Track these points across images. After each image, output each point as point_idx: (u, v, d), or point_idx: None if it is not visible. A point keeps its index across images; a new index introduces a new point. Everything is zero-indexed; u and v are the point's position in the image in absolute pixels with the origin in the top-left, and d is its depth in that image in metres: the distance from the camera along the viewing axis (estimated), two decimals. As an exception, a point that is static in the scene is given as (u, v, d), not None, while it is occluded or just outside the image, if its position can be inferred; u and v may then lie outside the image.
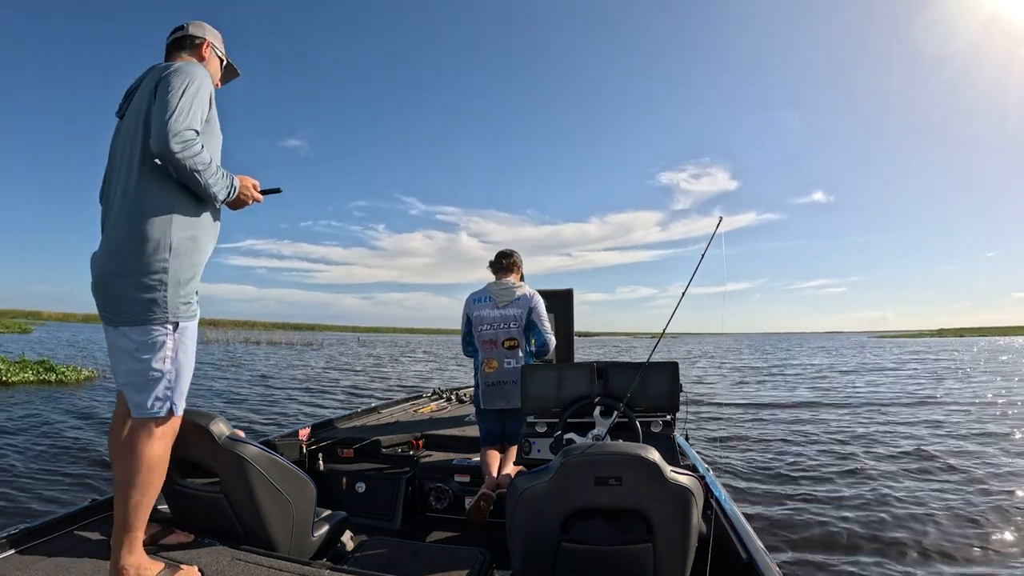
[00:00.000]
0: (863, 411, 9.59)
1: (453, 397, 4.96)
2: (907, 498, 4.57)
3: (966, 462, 5.77)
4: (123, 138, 1.63)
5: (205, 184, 1.56)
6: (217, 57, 1.87)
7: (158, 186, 1.55)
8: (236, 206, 1.76)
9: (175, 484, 1.85)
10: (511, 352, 3.00)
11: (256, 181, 1.79)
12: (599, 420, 2.32)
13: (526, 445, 2.44)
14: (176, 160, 1.48)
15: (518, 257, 3.19)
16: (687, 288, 2.33)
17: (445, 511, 2.89)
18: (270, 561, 1.62)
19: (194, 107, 1.53)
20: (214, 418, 1.74)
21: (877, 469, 5.56)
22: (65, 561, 1.58)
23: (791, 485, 5.05)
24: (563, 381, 2.43)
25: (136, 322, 1.51)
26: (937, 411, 9.43)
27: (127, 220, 1.52)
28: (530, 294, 3.04)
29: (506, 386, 2.97)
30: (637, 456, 1.50)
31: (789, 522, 4.06)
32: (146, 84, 1.61)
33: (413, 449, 3.25)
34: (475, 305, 3.10)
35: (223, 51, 1.90)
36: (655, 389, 2.37)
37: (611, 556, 1.55)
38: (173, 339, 1.55)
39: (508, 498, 1.68)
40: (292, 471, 1.83)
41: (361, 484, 2.93)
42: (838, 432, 7.47)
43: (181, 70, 1.58)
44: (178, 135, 1.47)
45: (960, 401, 10.74)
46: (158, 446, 1.52)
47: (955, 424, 8.12)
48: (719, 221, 2.34)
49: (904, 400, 10.93)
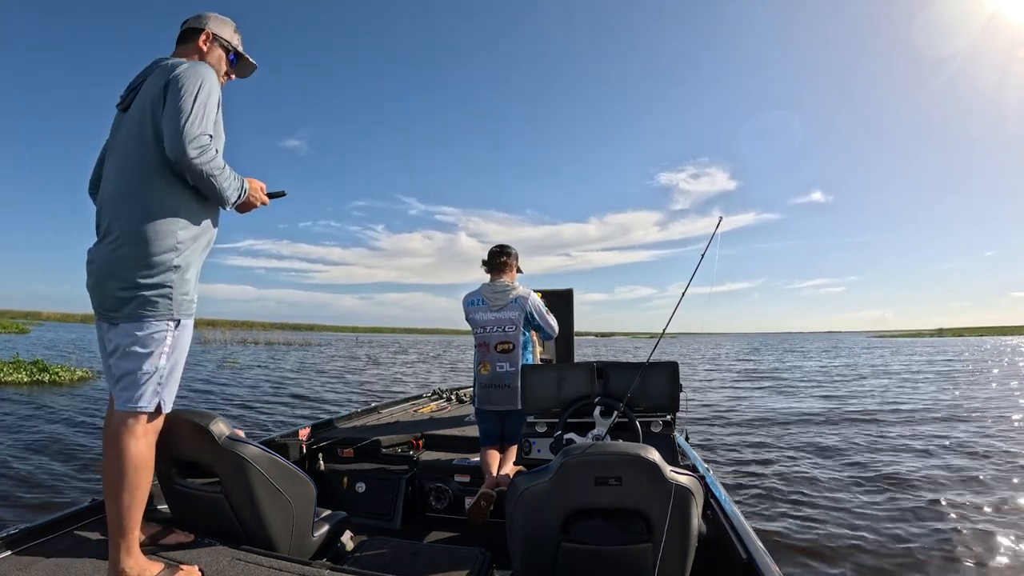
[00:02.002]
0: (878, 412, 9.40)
1: (453, 397, 4.96)
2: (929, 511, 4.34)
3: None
4: (126, 133, 1.60)
5: (219, 188, 1.56)
6: (221, 47, 1.79)
7: (165, 185, 1.54)
8: (244, 209, 1.75)
9: (175, 484, 1.84)
10: (504, 355, 2.98)
11: (264, 184, 1.78)
12: (599, 420, 2.32)
13: (526, 445, 2.44)
14: (193, 166, 1.48)
15: (514, 254, 3.13)
16: (687, 288, 2.33)
17: (445, 511, 2.89)
18: (270, 561, 1.62)
19: (207, 111, 1.53)
20: (214, 418, 1.74)
21: (889, 472, 5.50)
22: (65, 561, 1.58)
23: (792, 487, 5.05)
24: (563, 381, 2.43)
25: (139, 318, 1.50)
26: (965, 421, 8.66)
27: (133, 218, 1.51)
28: (525, 294, 3.01)
29: (499, 389, 2.96)
30: (637, 456, 1.50)
31: (790, 521, 4.07)
32: (152, 80, 1.59)
33: (413, 449, 3.24)
34: (470, 308, 3.09)
35: (231, 40, 1.81)
36: (655, 389, 2.37)
37: (611, 556, 1.55)
38: (173, 336, 1.55)
39: (508, 498, 1.68)
40: (292, 471, 1.82)
41: (361, 484, 2.93)
42: (863, 439, 7.14)
43: (191, 71, 1.56)
44: (194, 140, 1.47)
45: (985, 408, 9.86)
46: (142, 444, 1.50)
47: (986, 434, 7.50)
48: (719, 221, 2.34)
49: (924, 408, 9.97)
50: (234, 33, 1.83)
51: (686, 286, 2.32)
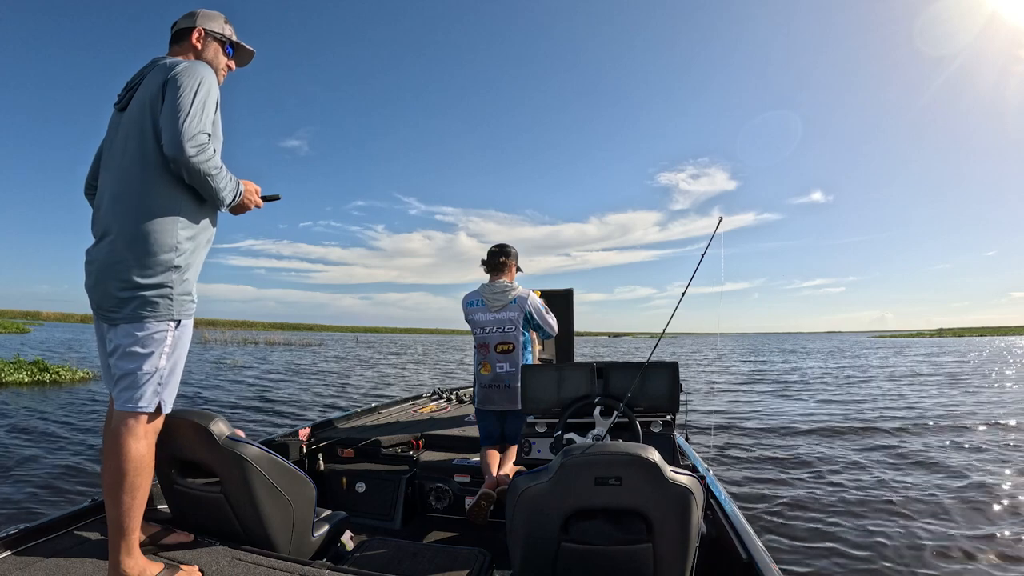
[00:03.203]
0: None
1: (453, 397, 4.96)
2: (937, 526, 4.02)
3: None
4: (124, 132, 1.60)
5: (216, 188, 1.56)
6: (215, 40, 1.78)
7: (164, 185, 1.54)
8: (238, 211, 1.75)
9: (175, 484, 1.84)
10: (504, 356, 2.98)
11: (258, 187, 1.78)
12: (599, 420, 2.32)
13: (526, 445, 2.44)
14: (190, 164, 1.48)
15: (513, 253, 3.13)
16: (687, 288, 2.33)
17: (445, 511, 2.89)
18: (270, 561, 1.62)
19: (206, 109, 1.53)
20: (214, 418, 1.74)
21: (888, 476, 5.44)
22: (65, 561, 1.58)
23: (793, 487, 5.03)
24: (563, 381, 2.43)
25: (140, 319, 1.50)
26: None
27: (133, 218, 1.51)
28: (524, 294, 3.01)
29: (499, 389, 2.96)
30: (637, 456, 1.50)
31: (791, 522, 4.05)
32: (151, 79, 1.59)
33: (413, 449, 3.24)
34: (469, 308, 3.09)
35: (223, 31, 1.80)
36: (655, 389, 2.37)
37: (611, 556, 1.55)
38: (173, 336, 1.55)
39: (508, 498, 1.68)
40: (292, 471, 1.82)
41: (361, 484, 2.93)
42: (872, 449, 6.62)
43: (190, 69, 1.56)
44: (192, 139, 1.47)
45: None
46: (143, 444, 1.50)
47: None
48: (719, 221, 2.34)
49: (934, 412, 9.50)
50: (225, 24, 1.82)
51: (686, 286, 2.32)
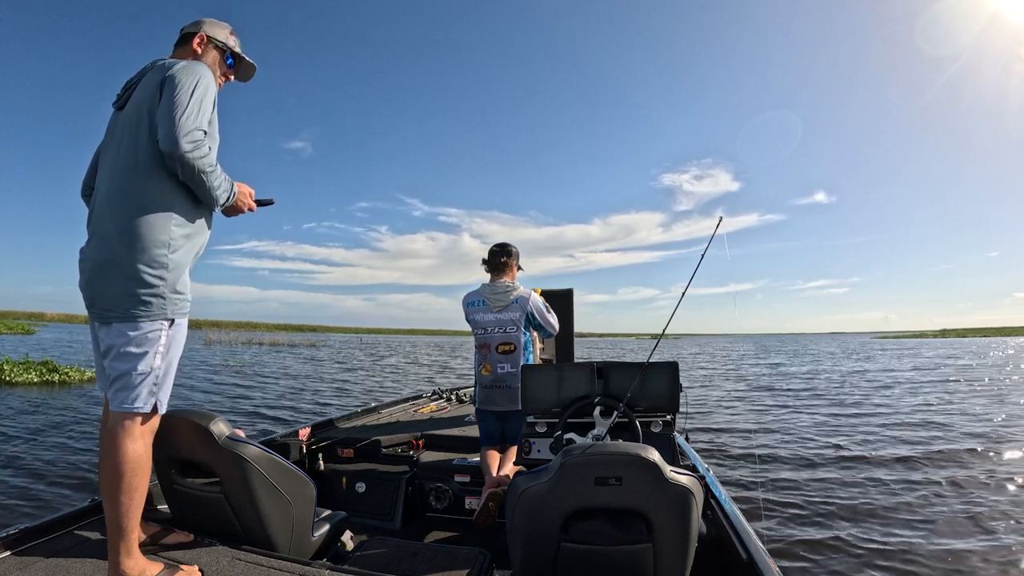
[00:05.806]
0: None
1: (453, 397, 4.96)
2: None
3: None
4: (122, 131, 1.60)
5: (210, 186, 1.56)
6: (216, 49, 1.80)
7: (160, 184, 1.54)
8: (231, 213, 1.75)
9: (175, 484, 1.85)
10: (505, 356, 2.97)
11: (252, 190, 1.78)
12: (599, 420, 2.32)
13: (526, 445, 2.44)
14: (185, 160, 1.48)
15: (514, 253, 3.11)
16: (687, 288, 2.33)
17: (445, 511, 2.88)
18: (270, 561, 1.62)
19: (203, 107, 1.53)
20: (214, 418, 1.74)
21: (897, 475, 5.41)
22: (65, 561, 1.58)
23: (797, 492, 5.01)
24: (563, 381, 2.43)
25: (134, 318, 1.50)
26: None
27: (127, 216, 1.51)
28: (526, 294, 3.00)
29: (500, 390, 2.96)
30: (637, 456, 1.50)
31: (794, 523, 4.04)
32: (149, 78, 1.59)
33: (413, 449, 3.24)
34: (470, 309, 3.08)
35: (226, 42, 1.82)
36: (655, 389, 2.36)
37: (611, 556, 1.54)
38: (167, 336, 1.55)
39: (508, 498, 1.68)
40: (292, 471, 1.82)
41: (361, 484, 2.94)
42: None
43: (188, 68, 1.57)
44: (188, 134, 1.47)
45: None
46: (139, 444, 1.49)
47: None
48: (719, 221, 2.34)
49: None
50: (230, 35, 1.84)
51: (686, 286, 2.32)
